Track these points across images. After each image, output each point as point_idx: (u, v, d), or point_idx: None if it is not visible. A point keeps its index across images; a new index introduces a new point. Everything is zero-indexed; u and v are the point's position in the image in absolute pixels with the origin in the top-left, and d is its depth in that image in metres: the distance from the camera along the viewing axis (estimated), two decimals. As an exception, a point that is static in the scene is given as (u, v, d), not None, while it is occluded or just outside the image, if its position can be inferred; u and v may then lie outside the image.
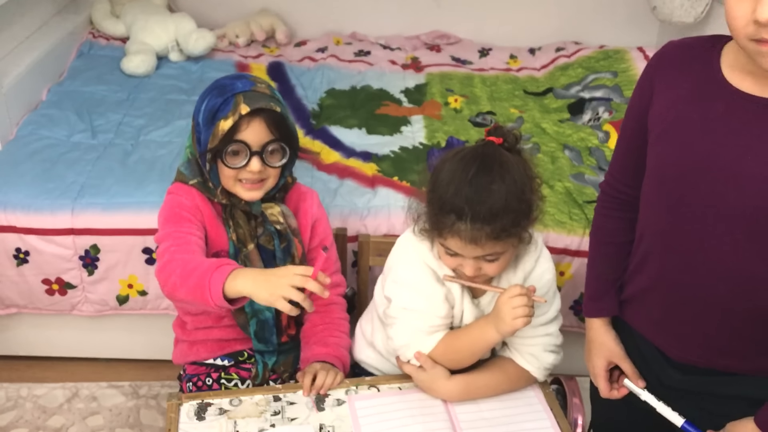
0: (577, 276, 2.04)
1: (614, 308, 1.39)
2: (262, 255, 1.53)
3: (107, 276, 2.05)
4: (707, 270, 1.17)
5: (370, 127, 2.49)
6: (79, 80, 2.65)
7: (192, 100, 2.57)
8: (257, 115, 1.42)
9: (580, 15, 3.13)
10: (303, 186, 1.65)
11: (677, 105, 1.17)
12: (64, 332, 2.21)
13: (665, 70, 1.22)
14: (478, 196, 1.25)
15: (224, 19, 3.10)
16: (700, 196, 1.14)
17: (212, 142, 1.42)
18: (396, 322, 1.43)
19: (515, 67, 3.00)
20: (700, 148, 1.13)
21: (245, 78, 1.48)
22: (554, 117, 2.61)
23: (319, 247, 1.60)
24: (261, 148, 1.43)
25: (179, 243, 1.40)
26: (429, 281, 1.40)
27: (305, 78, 2.81)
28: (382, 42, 3.12)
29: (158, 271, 1.38)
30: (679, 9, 2.77)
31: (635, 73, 2.72)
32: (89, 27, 2.98)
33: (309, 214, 1.60)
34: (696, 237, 1.16)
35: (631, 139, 1.30)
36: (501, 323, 1.32)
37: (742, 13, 1.02)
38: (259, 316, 1.55)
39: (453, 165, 1.30)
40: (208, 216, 1.50)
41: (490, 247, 1.28)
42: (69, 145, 2.28)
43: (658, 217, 1.23)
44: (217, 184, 1.48)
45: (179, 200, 1.48)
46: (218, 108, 1.42)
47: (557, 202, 2.10)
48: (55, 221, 1.98)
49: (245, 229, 1.51)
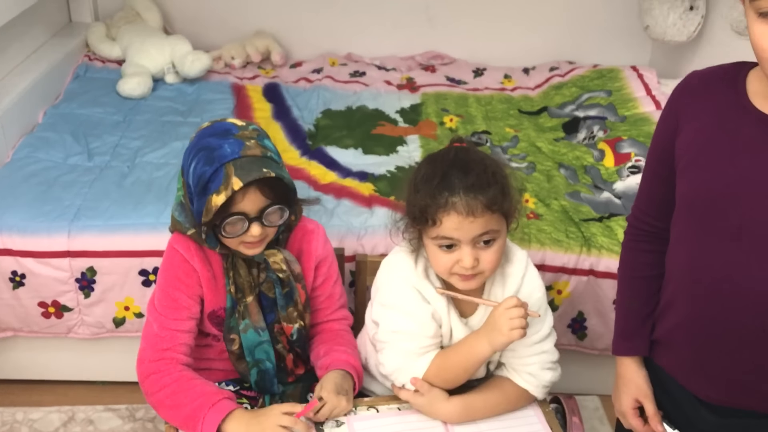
0: (574, 294, 2.04)
1: (644, 348, 1.35)
2: (263, 302, 1.51)
3: (104, 298, 2.04)
4: (738, 302, 1.14)
5: (366, 147, 2.49)
6: (75, 103, 2.65)
7: (188, 122, 2.59)
8: (251, 185, 1.35)
9: (574, 35, 3.16)
10: (309, 221, 1.58)
11: (704, 132, 1.17)
12: (59, 355, 2.20)
13: (690, 99, 1.21)
14: (464, 170, 1.31)
15: (220, 41, 3.11)
16: (730, 223, 1.13)
17: (206, 216, 1.36)
18: (385, 347, 1.43)
19: (510, 86, 3.02)
20: (729, 174, 1.13)
21: (232, 135, 1.39)
22: (549, 136, 2.62)
23: (326, 285, 1.58)
24: (259, 213, 1.39)
25: (168, 339, 1.45)
26: (415, 301, 1.40)
27: (301, 99, 2.83)
28: (377, 63, 3.13)
29: (143, 369, 1.45)
30: (672, 28, 2.79)
31: (629, 91, 2.74)
32: (85, 50, 2.99)
33: (313, 257, 1.55)
34: (725, 265, 1.14)
35: (656, 170, 1.29)
36: (497, 335, 1.32)
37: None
38: (260, 366, 1.53)
39: (429, 162, 1.37)
40: (205, 274, 1.47)
41: (486, 221, 1.30)
42: (65, 167, 2.28)
43: (686, 247, 1.22)
44: (214, 246, 1.44)
45: (178, 261, 1.46)
46: (208, 179, 1.35)
47: (554, 220, 2.11)
48: (52, 244, 1.98)
49: (245, 279, 1.48)
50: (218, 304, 1.50)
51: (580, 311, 2.07)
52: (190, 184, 1.39)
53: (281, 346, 1.56)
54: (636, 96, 2.71)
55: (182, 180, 1.45)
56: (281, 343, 1.55)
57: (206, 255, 1.48)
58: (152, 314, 1.48)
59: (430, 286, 1.40)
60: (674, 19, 2.78)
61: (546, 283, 1.99)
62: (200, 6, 3.15)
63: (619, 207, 2.18)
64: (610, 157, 2.40)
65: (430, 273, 1.41)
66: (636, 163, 2.32)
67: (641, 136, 2.45)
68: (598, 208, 2.18)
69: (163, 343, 1.45)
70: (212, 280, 1.48)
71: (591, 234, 2.05)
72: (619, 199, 2.22)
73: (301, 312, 1.53)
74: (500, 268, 1.42)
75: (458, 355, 1.39)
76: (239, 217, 1.37)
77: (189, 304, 1.47)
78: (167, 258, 1.49)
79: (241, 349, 1.52)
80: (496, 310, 1.32)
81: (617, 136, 2.48)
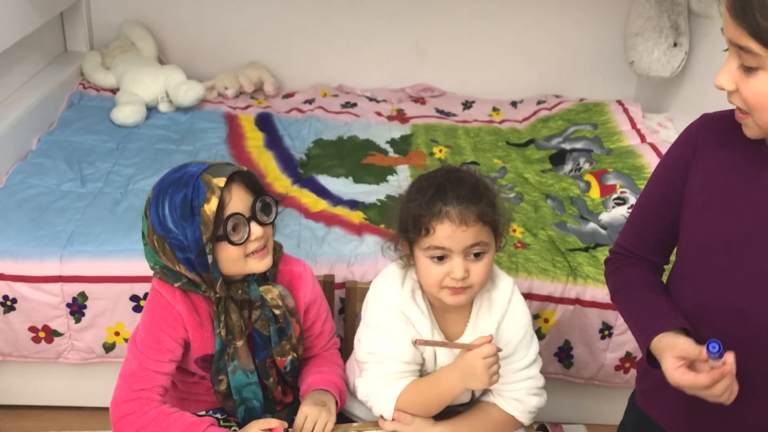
0: (561, 323, 2.07)
1: (678, 322, 1.17)
2: (258, 340, 1.49)
3: (94, 323, 2.05)
4: (744, 345, 1.10)
5: (356, 176, 2.53)
6: (69, 130, 2.68)
7: (181, 150, 2.62)
8: (232, 182, 1.38)
9: (561, 69, 3.22)
10: (296, 263, 1.57)
11: (720, 175, 1.16)
12: (49, 380, 2.19)
13: (705, 141, 1.20)
14: (457, 183, 1.35)
15: (213, 71, 3.15)
16: (742, 266, 1.12)
17: (206, 232, 1.34)
18: (362, 373, 1.46)
19: (498, 119, 3.07)
20: (745, 218, 1.12)
21: (189, 164, 1.42)
22: (536, 167, 2.66)
23: (316, 324, 1.58)
24: (251, 211, 1.41)
25: (145, 380, 1.42)
26: (397, 324, 1.41)
27: (293, 128, 2.86)
28: (369, 94, 3.18)
29: (116, 411, 1.42)
30: (656, 64, 2.86)
31: (614, 125, 2.79)
32: (80, 78, 3.03)
33: (302, 302, 1.54)
34: (734, 308, 1.13)
35: (655, 211, 1.27)
36: (476, 382, 1.34)
37: None
38: (247, 404, 1.53)
39: (423, 178, 1.41)
40: (191, 321, 1.45)
41: (477, 232, 1.33)
42: (58, 193, 2.30)
43: (692, 288, 1.20)
44: (218, 277, 1.40)
45: (162, 304, 1.44)
46: (191, 198, 1.34)
47: (540, 249, 2.14)
48: (44, 269, 1.99)
49: (237, 322, 1.46)
50: (206, 350, 1.48)
51: (567, 340, 2.10)
52: (171, 227, 1.36)
53: (272, 381, 1.55)
54: (621, 129, 2.77)
55: (154, 239, 1.40)
56: (272, 377, 1.55)
57: (192, 301, 1.46)
58: (133, 352, 1.45)
59: (416, 308, 1.42)
60: (658, 55, 2.84)
61: (533, 312, 2.02)
62: (194, 37, 3.20)
63: (605, 237, 2.22)
64: (596, 189, 2.45)
65: (416, 295, 1.43)
66: (621, 195, 2.37)
67: (626, 168, 2.50)
68: (584, 239, 2.21)
69: (140, 383, 1.42)
70: (198, 327, 1.46)
71: (577, 264, 2.08)
72: (605, 229, 2.26)
73: (294, 345, 1.52)
74: (487, 293, 1.45)
75: (430, 392, 1.41)
76: (238, 217, 1.38)
77: (172, 346, 1.44)
78: (152, 300, 1.47)
79: (229, 389, 1.51)
80: (474, 355, 1.32)
81: (603, 168, 2.53)
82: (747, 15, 1.00)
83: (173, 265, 1.41)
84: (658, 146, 2.60)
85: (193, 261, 1.38)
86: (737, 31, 1.02)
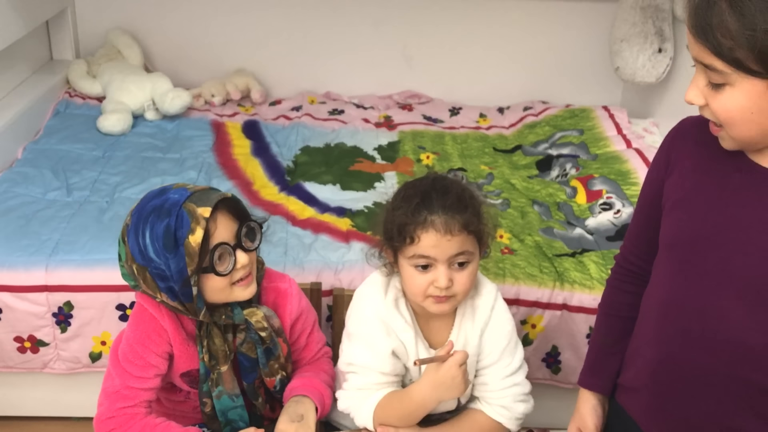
0: (548, 328, 2.07)
1: (605, 388, 1.40)
2: (245, 364, 1.47)
3: (80, 333, 2.04)
4: (707, 346, 1.15)
5: (344, 183, 2.53)
6: (54, 138, 2.66)
7: (167, 158, 2.61)
8: (217, 210, 1.34)
9: (547, 75, 3.24)
10: (280, 279, 1.55)
11: (693, 176, 1.20)
12: (35, 391, 2.18)
13: (682, 143, 1.24)
14: (443, 192, 1.35)
15: (200, 78, 3.15)
16: (708, 267, 1.14)
17: (191, 264, 1.30)
18: (342, 384, 1.47)
19: (485, 125, 3.08)
20: (713, 218, 1.15)
21: (169, 189, 1.38)
22: (523, 173, 2.67)
23: (302, 338, 1.56)
24: (236, 238, 1.37)
25: (130, 398, 1.41)
26: (378, 335, 1.41)
27: (280, 136, 2.86)
28: (356, 101, 3.19)
29: (101, 428, 1.41)
30: (641, 69, 2.87)
31: (601, 131, 2.81)
32: (66, 86, 3.01)
33: (288, 319, 1.52)
34: (699, 309, 1.16)
35: (647, 212, 1.31)
36: (452, 391, 1.35)
37: None
38: (233, 425, 1.51)
39: (409, 186, 1.41)
40: (176, 336, 1.43)
41: (462, 241, 1.33)
42: (44, 202, 2.28)
43: (663, 287, 1.24)
44: (202, 307, 1.37)
45: (147, 318, 1.42)
46: (174, 228, 1.30)
47: (528, 255, 2.14)
48: (29, 278, 1.98)
49: (220, 347, 1.43)
50: (191, 365, 1.46)
51: (554, 345, 2.10)
52: (152, 257, 1.32)
53: (260, 401, 1.53)
54: (607, 135, 2.78)
55: (134, 267, 1.37)
56: (261, 397, 1.53)
57: (177, 316, 1.44)
58: (116, 368, 1.42)
59: (399, 317, 1.42)
60: (644, 61, 2.86)
61: (520, 318, 2.03)
62: (181, 44, 3.20)
63: (592, 243, 2.23)
64: (583, 195, 2.46)
65: (400, 304, 1.43)
66: (607, 200, 2.38)
67: (612, 173, 2.51)
68: (571, 244, 2.22)
69: (124, 401, 1.41)
70: (184, 342, 1.43)
71: (564, 269, 2.09)
72: (591, 235, 2.27)
73: (283, 364, 1.51)
74: (470, 300, 1.45)
75: (403, 409, 1.41)
76: (224, 247, 1.34)
77: (157, 362, 1.42)
78: (136, 313, 1.44)
79: (214, 411, 1.49)
80: (450, 365, 1.34)
81: (589, 174, 2.54)
82: (707, 34, 1.02)
83: (154, 294, 1.38)
84: (644, 151, 2.61)
85: (176, 291, 1.34)
86: (700, 49, 1.04)
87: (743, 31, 0.98)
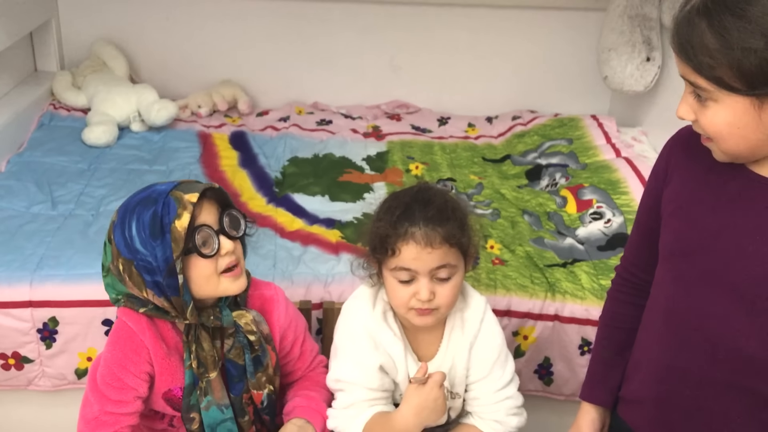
0: (540, 339, 2.06)
1: (607, 401, 1.40)
2: (233, 372, 1.44)
3: (66, 349, 2.01)
4: (707, 354, 1.16)
5: (333, 194, 2.51)
6: (39, 151, 2.63)
7: (154, 170, 2.59)
8: (203, 198, 1.36)
9: (535, 85, 3.24)
10: (266, 286, 1.55)
11: (690, 184, 1.21)
12: (20, 409, 2.14)
13: (679, 152, 1.25)
14: (425, 203, 1.34)
15: (186, 89, 3.13)
16: (705, 273, 1.16)
17: (177, 249, 1.31)
18: (331, 402, 1.45)
19: (473, 135, 3.07)
20: (710, 226, 1.16)
21: (155, 184, 1.40)
22: (513, 183, 2.66)
23: (295, 347, 1.54)
24: (219, 225, 1.38)
25: (109, 425, 1.38)
26: (365, 350, 1.40)
27: (268, 147, 2.84)
28: (344, 111, 3.17)
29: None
30: (630, 78, 2.88)
31: (589, 140, 2.80)
32: (50, 98, 2.98)
33: (277, 327, 1.51)
34: (698, 317, 1.17)
35: (646, 222, 1.32)
36: (435, 413, 1.36)
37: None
38: None
39: (393, 197, 1.40)
40: (157, 351, 1.40)
41: (444, 254, 1.32)
42: (28, 216, 2.25)
43: (663, 296, 1.24)
44: (189, 301, 1.36)
45: (126, 335, 1.40)
46: (161, 215, 1.31)
47: (518, 266, 2.13)
48: (13, 294, 1.95)
49: (209, 353, 1.40)
50: (174, 383, 1.43)
51: (546, 357, 2.09)
52: (138, 248, 1.32)
53: (247, 419, 1.50)
54: (596, 144, 2.78)
55: (120, 264, 1.37)
56: (248, 415, 1.49)
57: (158, 329, 1.42)
58: (94, 393, 1.40)
59: (388, 330, 1.40)
60: (632, 70, 2.86)
61: (512, 329, 2.02)
62: (166, 55, 3.17)
63: (582, 253, 2.22)
64: (573, 204, 2.45)
65: (388, 317, 1.42)
66: (598, 210, 2.37)
67: (602, 183, 2.50)
68: (562, 254, 2.21)
69: (103, 427, 1.38)
70: (166, 359, 1.41)
71: (555, 279, 2.08)
72: (582, 244, 2.26)
73: (270, 376, 1.48)
74: (459, 312, 1.43)
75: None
76: (208, 230, 1.35)
77: (136, 383, 1.39)
78: (115, 332, 1.42)
79: (202, 428, 1.45)
80: (431, 387, 1.34)
81: (579, 183, 2.53)
82: (689, 53, 1.05)
83: (140, 291, 1.37)
84: (633, 160, 2.61)
85: (162, 284, 1.33)
86: (684, 67, 1.07)
87: (723, 50, 1.01)
